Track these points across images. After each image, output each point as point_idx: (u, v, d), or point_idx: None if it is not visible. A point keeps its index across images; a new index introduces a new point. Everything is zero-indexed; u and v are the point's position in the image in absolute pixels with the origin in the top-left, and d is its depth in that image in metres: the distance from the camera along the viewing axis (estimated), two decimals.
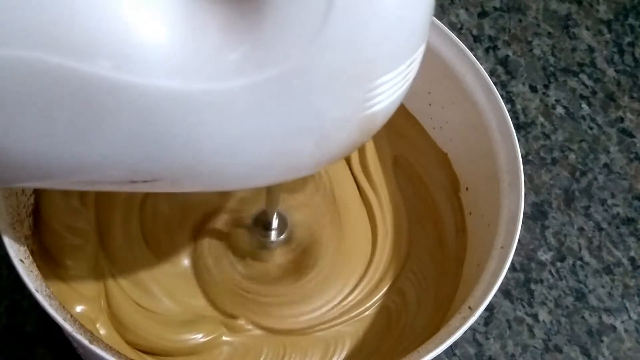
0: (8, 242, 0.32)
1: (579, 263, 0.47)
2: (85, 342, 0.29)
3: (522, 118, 0.53)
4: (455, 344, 0.44)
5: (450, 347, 0.43)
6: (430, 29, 0.40)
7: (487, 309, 0.44)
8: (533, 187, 0.50)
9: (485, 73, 0.39)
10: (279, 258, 0.41)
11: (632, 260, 0.48)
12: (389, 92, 0.25)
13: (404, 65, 0.25)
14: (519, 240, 0.37)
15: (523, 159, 0.41)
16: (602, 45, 0.57)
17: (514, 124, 0.41)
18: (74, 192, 0.39)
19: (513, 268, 0.47)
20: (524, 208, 0.36)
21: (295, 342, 0.39)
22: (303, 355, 0.38)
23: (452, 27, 0.56)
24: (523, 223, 0.37)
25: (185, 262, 0.40)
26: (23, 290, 0.38)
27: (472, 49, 0.53)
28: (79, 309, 0.36)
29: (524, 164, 0.49)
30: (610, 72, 0.56)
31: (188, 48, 0.22)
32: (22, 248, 0.32)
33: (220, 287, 0.39)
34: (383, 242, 0.42)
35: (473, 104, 0.39)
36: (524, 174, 0.37)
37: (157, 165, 0.24)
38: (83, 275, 0.38)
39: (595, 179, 0.51)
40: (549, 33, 0.57)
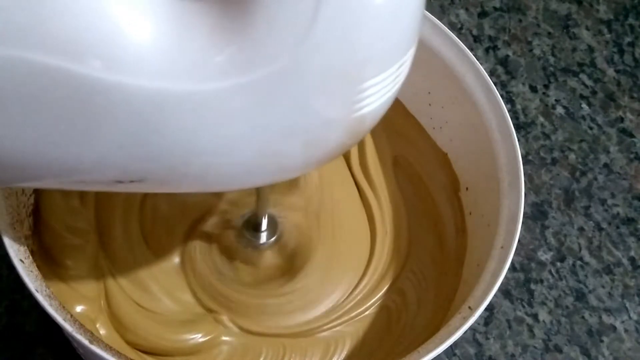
0: (8, 242, 0.32)
1: (579, 263, 0.47)
2: (85, 342, 0.29)
3: (522, 118, 0.53)
4: (455, 344, 0.44)
5: (450, 347, 0.43)
6: (431, 29, 0.41)
7: (487, 309, 0.44)
8: (533, 187, 0.50)
9: (485, 73, 0.39)
10: (269, 260, 0.40)
11: (632, 260, 0.48)
12: (379, 94, 0.25)
13: (394, 68, 0.24)
14: (519, 240, 0.37)
15: (523, 159, 0.41)
16: (602, 45, 0.57)
17: (514, 124, 0.41)
18: (74, 192, 0.39)
19: (513, 268, 0.47)
20: (524, 208, 0.36)
21: (295, 342, 0.39)
22: (303, 356, 0.38)
23: (452, 27, 0.56)
24: (523, 223, 0.37)
25: (186, 262, 0.40)
26: (23, 290, 0.38)
27: (472, 49, 0.53)
28: (79, 309, 0.36)
29: (524, 164, 0.49)
30: (610, 72, 0.56)
31: (176, 49, 0.22)
32: (22, 248, 0.32)
33: (219, 286, 0.39)
34: (382, 242, 0.42)
35: (473, 104, 0.39)
36: (524, 174, 0.37)
37: (145, 166, 0.24)
38: (83, 275, 0.38)
39: (595, 179, 0.51)
40: (549, 33, 0.57)
